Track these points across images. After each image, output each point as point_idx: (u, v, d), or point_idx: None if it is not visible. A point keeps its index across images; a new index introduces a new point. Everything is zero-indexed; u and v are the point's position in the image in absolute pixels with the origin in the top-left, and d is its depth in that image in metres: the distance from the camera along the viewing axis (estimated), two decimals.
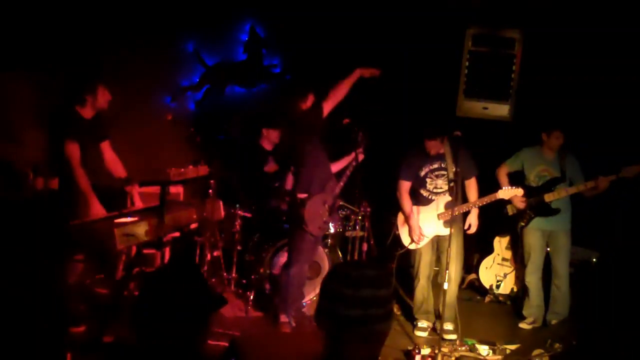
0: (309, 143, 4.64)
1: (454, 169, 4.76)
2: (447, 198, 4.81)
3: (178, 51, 6.42)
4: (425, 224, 4.91)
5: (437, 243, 4.96)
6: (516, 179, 5.13)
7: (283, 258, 5.00)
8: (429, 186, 4.90)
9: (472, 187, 4.93)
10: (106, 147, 4.57)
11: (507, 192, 4.77)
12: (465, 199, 4.93)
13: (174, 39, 6.33)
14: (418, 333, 4.93)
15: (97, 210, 4.16)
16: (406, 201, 4.93)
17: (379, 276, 1.64)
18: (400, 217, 5.08)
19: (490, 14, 5.59)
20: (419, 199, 4.96)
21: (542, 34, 5.56)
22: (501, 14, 5.57)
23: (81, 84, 4.35)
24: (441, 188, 4.89)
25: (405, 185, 4.95)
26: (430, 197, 4.91)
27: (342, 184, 4.73)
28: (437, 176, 4.89)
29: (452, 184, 4.70)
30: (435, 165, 4.86)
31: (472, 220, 4.91)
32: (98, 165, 4.46)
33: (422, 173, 4.88)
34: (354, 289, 1.58)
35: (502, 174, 5.21)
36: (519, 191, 4.79)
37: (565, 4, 5.48)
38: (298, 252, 4.70)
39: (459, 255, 4.84)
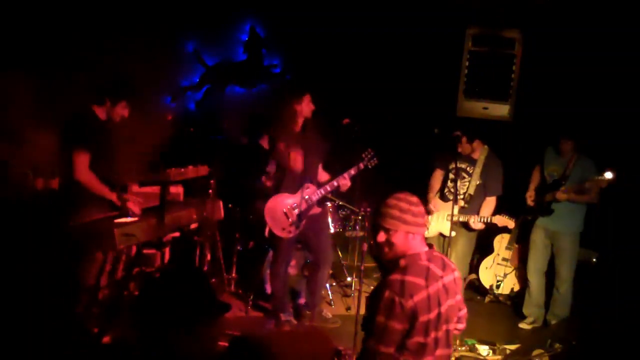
0: (285, 142, 4.61)
1: (478, 182, 4.82)
2: (461, 203, 4.87)
3: (178, 51, 6.42)
4: (435, 219, 4.96)
5: (444, 242, 5.00)
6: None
7: None
8: (449, 183, 4.95)
9: (490, 204, 4.95)
10: None
11: (500, 219, 4.83)
12: (478, 212, 4.96)
13: (174, 39, 6.32)
14: None
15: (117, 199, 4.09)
16: (432, 189, 5.04)
17: None
18: (432, 206, 5.11)
19: (490, 14, 5.58)
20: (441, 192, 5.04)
21: (542, 34, 5.56)
22: (501, 14, 5.57)
23: (110, 86, 4.27)
24: (457, 191, 4.91)
25: (437, 174, 5.07)
26: (448, 195, 4.97)
27: (322, 191, 4.61)
28: (459, 176, 4.89)
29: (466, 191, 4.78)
30: (463, 165, 4.92)
31: (475, 226, 4.92)
32: (107, 172, 4.36)
33: (451, 166, 4.96)
34: None
35: (534, 174, 5.25)
36: (510, 223, 4.84)
37: (565, 4, 5.47)
38: (276, 251, 4.73)
39: (460, 259, 4.89)
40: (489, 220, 4.83)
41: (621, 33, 5.20)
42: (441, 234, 5.01)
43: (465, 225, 4.93)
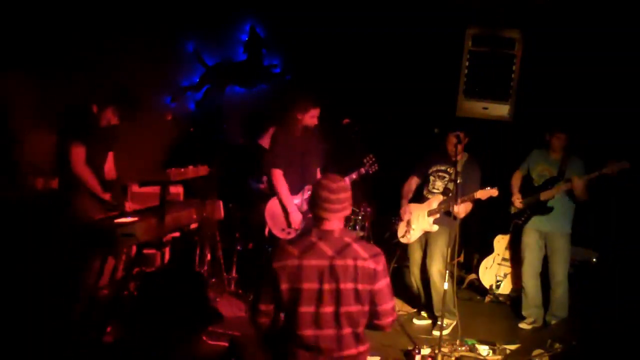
0: (284, 144, 4.60)
1: (458, 180, 4.80)
2: (440, 198, 4.87)
3: (178, 51, 6.43)
4: (415, 220, 4.96)
5: (426, 240, 4.99)
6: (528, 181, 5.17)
7: None
8: (430, 185, 4.95)
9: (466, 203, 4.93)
10: (109, 157, 4.53)
11: (483, 192, 4.71)
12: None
13: (174, 39, 6.33)
14: (416, 322, 5.08)
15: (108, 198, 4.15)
16: (405, 195, 5.03)
17: None
18: (402, 211, 5.11)
19: (490, 14, 5.59)
20: (420, 196, 5.01)
21: (542, 34, 5.57)
22: (501, 14, 5.57)
23: (103, 91, 4.28)
24: (437, 189, 4.93)
25: (411, 180, 5.05)
26: (427, 195, 4.97)
27: None
28: (439, 177, 4.92)
29: (448, 185, 4.75)
30: (442, 167, 4.91)
31: (459, 210, 4.84)
32: (99, 172, 4.38)
33: (430, 170, 4.97)
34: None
35: (515, 178, 5.23)
36: (494, 192, 4.69)
37: (565, 4, 5.48)
38: None
39: (441, 252, 4.85)
40: (472, 198, 4.73)
41: (621, 33, 5.21)
42: (427, 233, 4.98)
43: (446, 219, 4.86)
